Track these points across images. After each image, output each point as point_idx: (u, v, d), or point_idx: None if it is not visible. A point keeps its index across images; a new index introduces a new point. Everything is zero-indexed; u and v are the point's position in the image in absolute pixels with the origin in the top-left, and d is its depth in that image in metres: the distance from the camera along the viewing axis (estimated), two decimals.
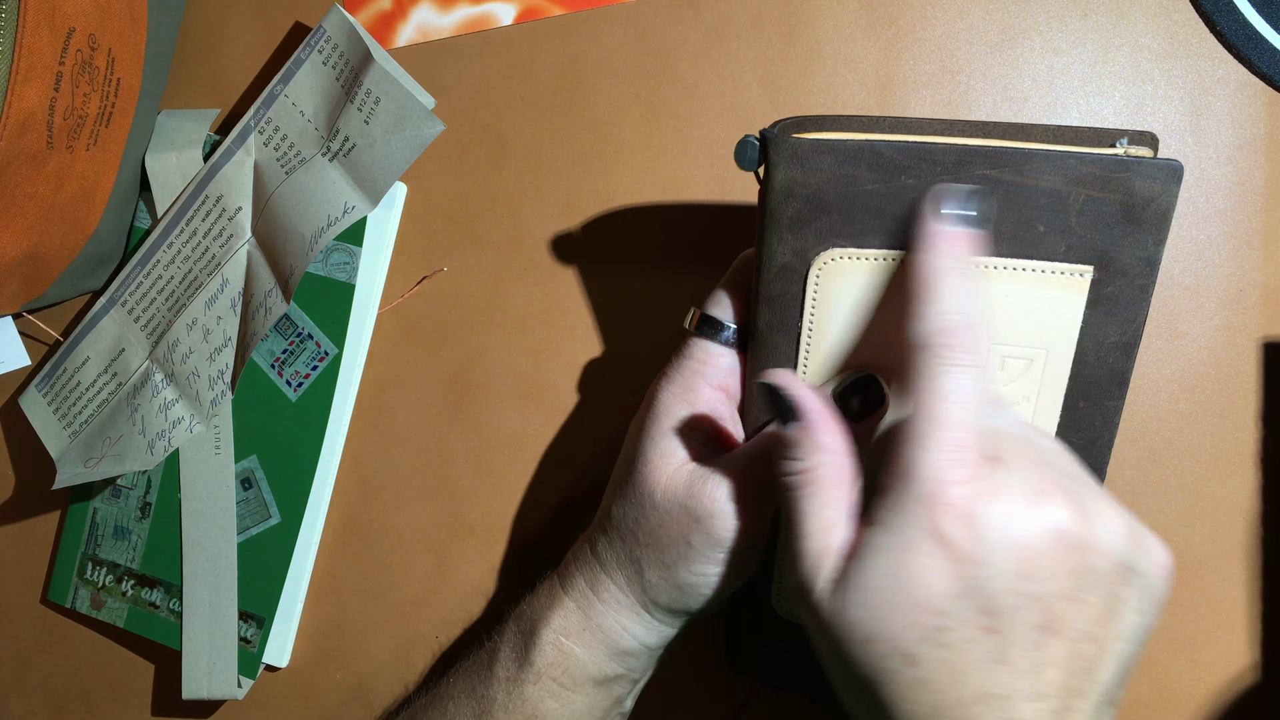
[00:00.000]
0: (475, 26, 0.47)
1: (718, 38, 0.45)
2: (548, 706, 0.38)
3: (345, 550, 0.50)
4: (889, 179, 0.32)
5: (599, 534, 0.39)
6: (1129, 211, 0.31)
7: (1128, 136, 0.33)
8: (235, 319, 0.48)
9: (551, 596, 0.39)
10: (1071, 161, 0.31)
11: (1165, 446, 0.43)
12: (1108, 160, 0.31)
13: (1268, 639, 0.42)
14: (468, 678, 0.40)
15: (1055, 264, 0.32)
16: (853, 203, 0.32)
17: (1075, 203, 0.32)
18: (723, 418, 0.37)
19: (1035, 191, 0.32)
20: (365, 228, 0.47)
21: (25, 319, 0.52)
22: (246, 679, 0.48)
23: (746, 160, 0.33)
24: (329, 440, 0.48)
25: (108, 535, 0.51)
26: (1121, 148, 0.32)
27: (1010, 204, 0.32)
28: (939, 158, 0.31)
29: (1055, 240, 0.32)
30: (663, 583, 0.36)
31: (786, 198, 0.33)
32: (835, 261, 0.33)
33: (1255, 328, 0.42)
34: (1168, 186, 0.31)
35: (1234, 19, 0.41)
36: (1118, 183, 0.31)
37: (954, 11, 0.43)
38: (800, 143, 0.32)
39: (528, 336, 0.48)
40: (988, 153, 0.31)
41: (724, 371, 0.37)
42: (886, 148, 0.32)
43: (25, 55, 0.38)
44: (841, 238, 0.33)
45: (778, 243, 0.34)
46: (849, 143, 0.32)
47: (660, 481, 0.36)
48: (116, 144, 0.47)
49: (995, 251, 0.32)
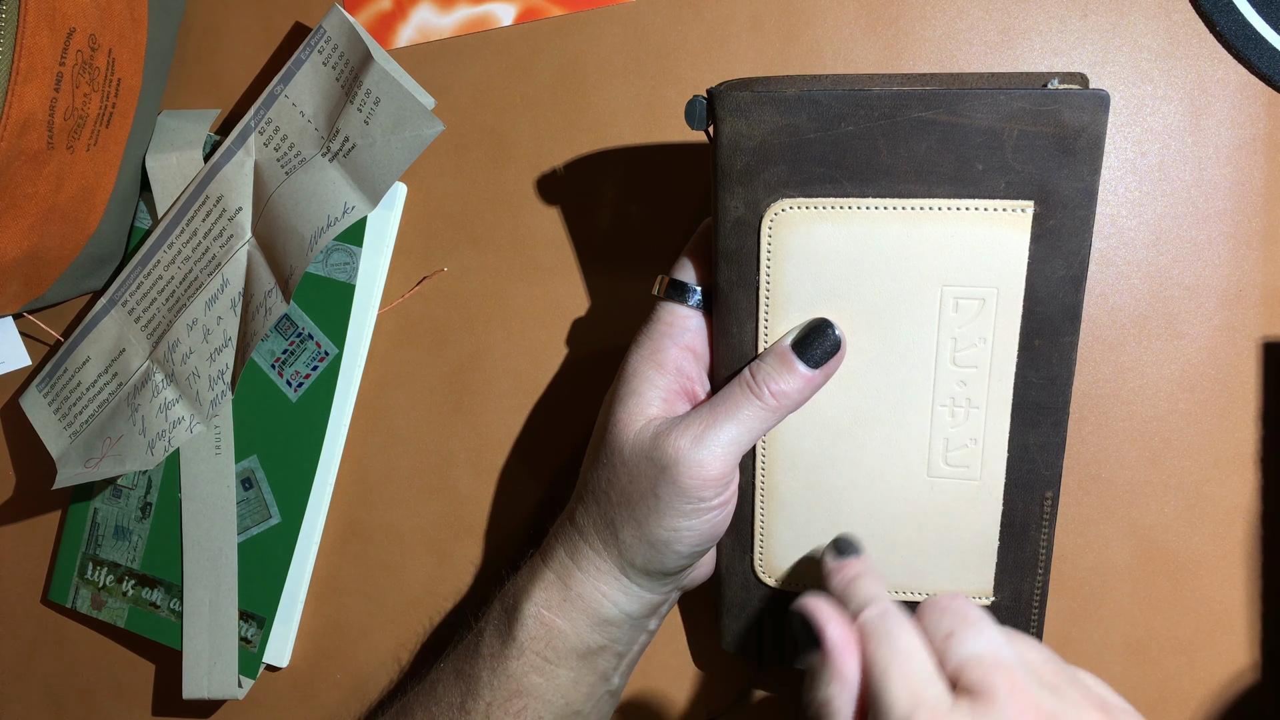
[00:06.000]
0: (475, 26, 0.47)
1: (718, 38, 0.45)
2: (532, 681, 0.38)
3: (345, 550, 0.50)
4: (829, 127, 0.34)
5: (576, 504, 0.40)
6: (1062, 143, 0.33)
7: (1058, 76, 0.34)
8: (235, 319, 0.48)
9: (532, 571, 0.40)
10: (1003, 99, 0.32)
11: (1165, 446, 0.43)
12: (1037, 94, 0.32)
13: (1267, 639, 0.42)
14: (455, 660, 0.41)
15: (996, 200, 0.34)
16: (797, 152, 0.34)
17: (1010, 138, 0.33)
18: (690, 377, 0.38)
19: (971, 130, 0.33)
20: (365, 228, 0.47)
21: (26, 319, 0.52)
22: (247, 679, 0.48)
23: (696, 119, 0.35)
24: (329, 440, 0.48)
25: (108, 535, 0.51)
26: (1052, 86, 0.33)
27: (948, 145, 0.33)
28: (875, 104, 0.33)
29: (994, 178, 0.33)
30: (636, 541, 0.37)
31: (734, 151, 0.35)
32: (786, 212, 0.35)
33: (1255, 328, 0.42)
34: (1096, 115, 0.32)
35: (1234, 19, 0.41)
36: (1048, 115, 0.32)
37: (954, 11, 0.43)
38: (743, 96, 0.34)
39: (528, 336, 0.48)
40: (922, 96, 0.33)
41: (691, 332, 0.38)
42: (825, 96, 0.33)
43: (25, 55, 0.38)
44: (790, 188, 0.35)
45: (729, 197, 0.35)
46: (790, 94, 0.33)
47: (629, 438, 0.37)
48: (117, 144, 0.47)
49: (938, 193, 0.34)
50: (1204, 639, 0.43)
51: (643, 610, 0.39)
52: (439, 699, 0.40)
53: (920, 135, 0.33)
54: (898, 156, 0.34)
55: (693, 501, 0.36)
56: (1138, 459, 0.43)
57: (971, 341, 0.35)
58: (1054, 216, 0.34)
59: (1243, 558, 0.42)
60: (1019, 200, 0.33)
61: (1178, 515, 0.43)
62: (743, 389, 0.36)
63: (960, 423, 0.36)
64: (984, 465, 0.37)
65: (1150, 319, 0.42)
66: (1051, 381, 0.36)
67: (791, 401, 0.36)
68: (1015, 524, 0.37)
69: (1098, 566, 0.43)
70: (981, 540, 0.38)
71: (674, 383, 0.37)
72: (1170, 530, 0.43)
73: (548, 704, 0.39)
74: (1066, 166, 0.33)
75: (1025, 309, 0.35)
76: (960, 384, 0.36)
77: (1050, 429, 0.36)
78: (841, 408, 0.37)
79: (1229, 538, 0.42)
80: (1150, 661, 0.43)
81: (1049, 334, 0.35)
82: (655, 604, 0.40)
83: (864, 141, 0.34)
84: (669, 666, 0.47)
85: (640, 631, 0.40)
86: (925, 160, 0.33)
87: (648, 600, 0.39)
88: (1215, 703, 0.43)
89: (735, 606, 0.41)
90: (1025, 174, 0.33)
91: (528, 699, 0.38)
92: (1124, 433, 0.43)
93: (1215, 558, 0.42)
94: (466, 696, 0.39)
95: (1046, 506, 0.37)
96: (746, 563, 0.40)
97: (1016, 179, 0.33)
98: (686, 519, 0.36)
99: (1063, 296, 0.34)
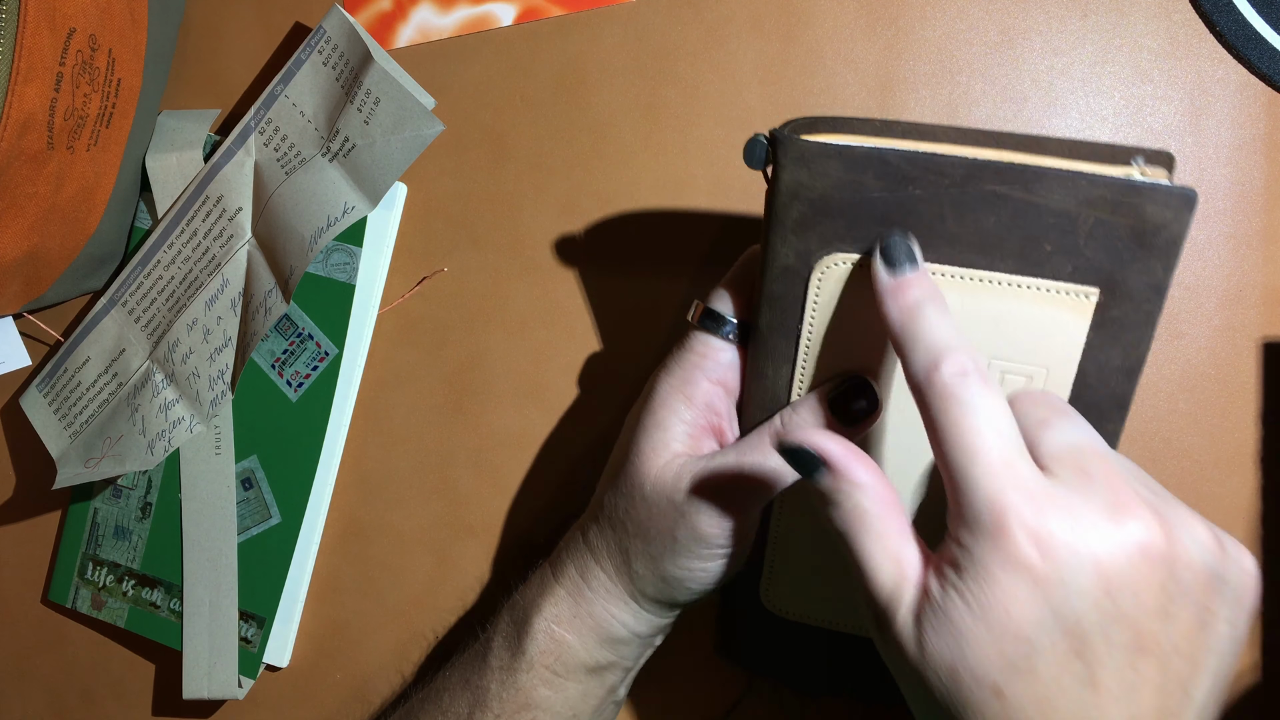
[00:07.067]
0: (475, 27, 0.47)
1: (718, 38, 0.45)
2: (541, 695, 0.38)
3: (345, 550, 0.50)
4: (896, 188, 0.32)
5: (590, 522, 0.39)
6: (1139, 237, 0.31)
7: (1144, 155, 0.32)
8: (235, 319, 0.48)
9: (543, 585, 0.40)
10: (1083, 183, 0.30)
11: (1165, 446, 0.43)
12: (1121, 184, 0.30)
13: (1268, 639, 0.42)
14: (463, 669, 0.41)
15: (1061, 284, 0.32)
16: (858, 209, 0.32)
17: (1085, 224, 0.31)
18: (719, 413, 0.37)
19: (1044, 210, 0.31)
20: (365, 228, 0.47)
21: (26, 319, 0.52)
22: (247, 679, 0.48)
23: (755, 160, 0.33)
24: (329, 440, 0.48)
25: (108, 535, 0.51)
26: (1136, 166, 0.32)
27: (1018, 221, 0.31)
28: (947, 170, 0.31)
29: (1062, 260, 0.31)
30: (649, 574, 0.37)
31: (792, 200, 0.33)
32: (838, 266, 0.33)
33: (1255, 328, 0.42)
34: (1180, 214, 0.30)
35: (1234, 19, 0.41)
36: (1129, 207, 0.30)
37: (954, 12, 0.43)
38: (808, 145, 0.32)
39: (528, 336, 0.48)
40: (998, 168, 0.31)
41: (724, 366, 0.36)
42: (895, 156, 0.31)
43: (25, 55, 0.38)
44: (845, 243, 0.33)
45: (781, 244, 0.34)
46: (858, 149, 0.31)
47: (651, 473, 0.36)
48: (117, 144, 0.47)
49: (1001, 268, 0.32)
50: None
51: (651, 631, 0.39)
52: (445, 708, 0.40)
53: (990, 209, 0.31)
54: (964, 226, 0.32)
55: (710, 547, 0.35)
56: (1138, 459, 0.43)
57: None
58: (1118, 307, 0.32)
59: None
60: (1085, 286, 0.32)
61: None
62: (772, 439, 0.35)
63: None
64: None
65: None
66: None
67: None
68: None
69: None
70: None
71: (701, 418, 0.36)
72: None
73: (556, 716, 0.39)
74: (1140, 260, 0.31)
75: (1074, 393, 0.33)
76: None
77: None
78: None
79: None
80: None
81: (1094, 419, 0.33)
82: (664, 625, 0.40)
83: (930, 207, 0.32)
84: (666, 673, 0.47)
85: (647, 647, 0.41)
86: (992, 234, 0.32)
87: (656, 623, 0.39)
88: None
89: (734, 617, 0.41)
90: (1095, 261, 0.31)
91: (537, 711, 0.38)
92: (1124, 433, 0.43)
93: None
94: (475, 707, 0.39)
95: None
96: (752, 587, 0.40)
97: (1085, 264, 0.31)
98: (702, 561, 0.36)
99: (1114, 385, 0.33)
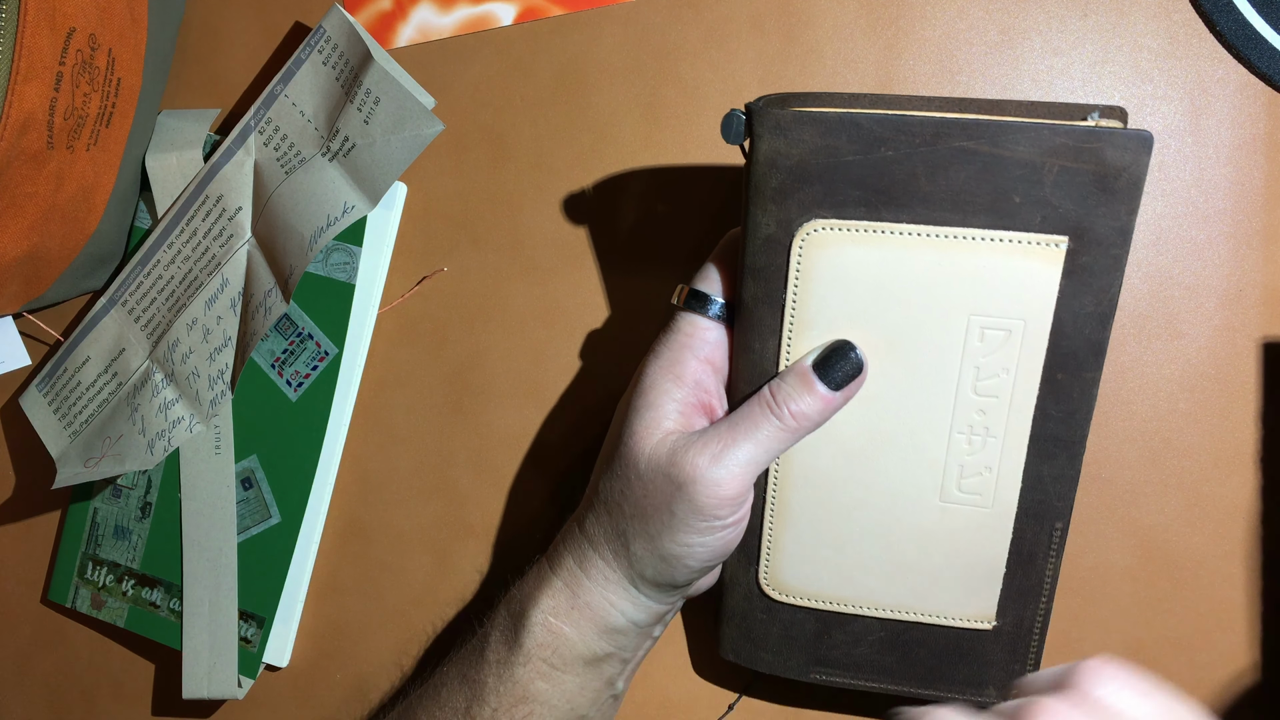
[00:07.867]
0: (475, 26, 0.47)
1: (718, 38, 0.45)
2: (538, 688, 0.38)
3: (345, 550, 0.50)
4: (869, 151, 0.33)
5: (587, 511, 0.39)
6: (1101, 181, 0.32)
7: (1099, 110, 0.34)
8: (235, 319, 0.48)
9: (540, 578, 0.40)
10: (1045, 133, 0.32)
11: (1165, 446, 0.43)
12: (1081, 131, 0.32)
13: (1267, 639, 0.42)
14: (460, 664, 0.41)
15: (1031, 234, 0.33)
16: (834, 174, 0.34)
17: (1049, 173, 0.33)
18: (709, 390, 0.38)
19: (1011, 163, 0.33)
20: (365, 228, 0.47)
21: (26, 319, 0.52)
22: (247, 679, 0.48)
23: (732, 133, 0.35)
24: (329, 440, 0.48)
25: (108, 535, 0.51)
26: (1093, 120, 0.33)
27: (987, 175, 0.33)
28: (917, 130, 0.33)
29: (1031, 211, 0.33)
30: (648, 554, 0.37)
31: (770, 169, 0.34)
32: (818, 233, 0.34)
33: (1255, 328, 0.42)
34: (1138, 156, 0.32)
35: (1234, 19, 0.41)
36: (1090, 153, 0.32)
37: (954, 11, 0.43)
38: (783, 115, 0.33)
39: (528, 336, 0.48)
40: (964, 125, 0.32)
41: (711, 345, 0.37)
42: (866, 120, 0.33)
43: (26, 55, 0.38)
44: (824, 209, 0.34)
45: (762, 214, 0.35)
46: (830, 115, 0.33)
47: (645, 451, 0.36)
48: (117, 144, 0.47)
49: (974, 223, 0.34)
50: (1204, 639, 0.43)
51: (649, 619, 0.39)
52: (443, 703, 0.40)
53: (960, 164, 0.33)
54: (935, 184, 0.33)
55: (708, 519, 0.36)
56: (1138, 459, 0.43)
57: (994, 372, 0.35)
58: (1087, 253, 0.33)
59: (1243, 558, 0.42)
60: (1054, 235, 0.33)
61: (1178, 515, 0.43)
62: (762, 408, 0.36)
63: (976, 451, 0.36)
64: (997, 493, 0.37)
65: (1150, 319, 0.42)
66: (1071, 415, 0.35)
67: (811, 423, 0.36)
68: (1023, 552, 0.37)
69: (1098, 566, 0.43)
70: (988, 566, 0.38)
71: (691, 396, 0.37)
72: (1170, 530, 0.43)
73: (553, 709, 0.39)
74: (1104, 205, 0.33)
75: (1051, 343, 0.34)
76: (979, 413, 0.36)
77: (1065, 462, 0.36)
78: (859, 429, 0.37)
79: (1229, 538, 0.42)
80: (1150, 661, 0.43)
81: (1072, 369, 0.35)
82: (661, 613, 0.40)
83: (903, 167, 0.33)
84: (667, 671, 0.47)
85: (645, 639, 0.41)
86: (963, 189, 0.33)
87: (655, 610, 0.39)
88: (1215, 703, 0.43)
89: (736, 615, 0.41)
90: (1062, 209, 0.33)
91: (534, 705, 0.38)
92: (1124, 433, 0.43)
93: (1215, 558, 0.42)
94: (472, 701, 0.39)
95: (1055, 536, 0.37)
96: (751, 574, 0.40)
97: (1053, 214, 0.33)
98: (700, 535, 0.36)
99: (1089, 332, 0.34)
